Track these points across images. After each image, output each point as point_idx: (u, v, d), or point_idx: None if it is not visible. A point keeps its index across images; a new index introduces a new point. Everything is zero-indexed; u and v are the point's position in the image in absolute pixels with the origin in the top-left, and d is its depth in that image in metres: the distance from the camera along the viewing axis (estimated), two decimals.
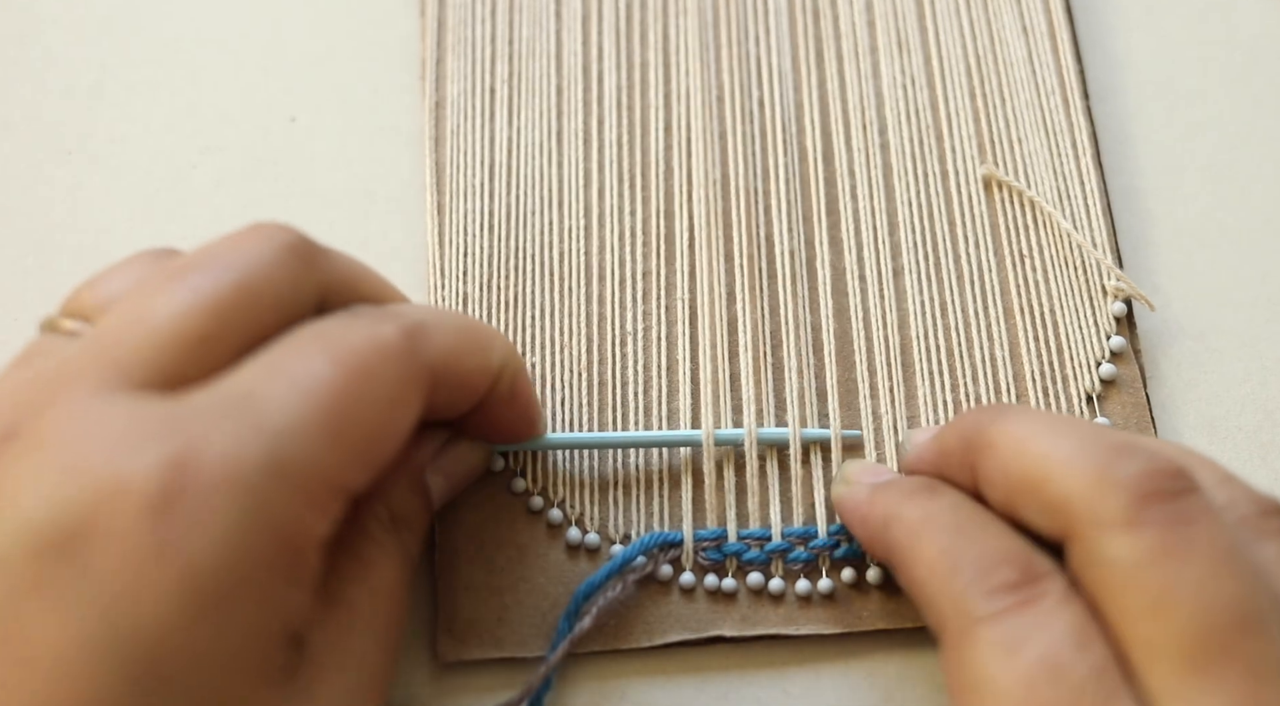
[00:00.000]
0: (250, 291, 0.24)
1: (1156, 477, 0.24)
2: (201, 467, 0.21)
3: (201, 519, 0.20)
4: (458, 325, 0.27)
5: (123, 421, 0.21)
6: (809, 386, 0.33)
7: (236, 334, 0.23)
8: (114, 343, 0.23)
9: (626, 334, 0.34)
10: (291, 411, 0.22)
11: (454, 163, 0.36)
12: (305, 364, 0.23)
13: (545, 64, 0.37)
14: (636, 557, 0.30)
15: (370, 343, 0.24)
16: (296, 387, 0.22)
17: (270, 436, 0.22)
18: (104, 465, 0.21)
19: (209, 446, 0.21)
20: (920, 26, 0.38)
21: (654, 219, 0.35)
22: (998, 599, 0.24)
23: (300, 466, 0.22)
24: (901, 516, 0.27)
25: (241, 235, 0.25)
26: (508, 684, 0.30)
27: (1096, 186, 0.35)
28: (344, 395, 0.23)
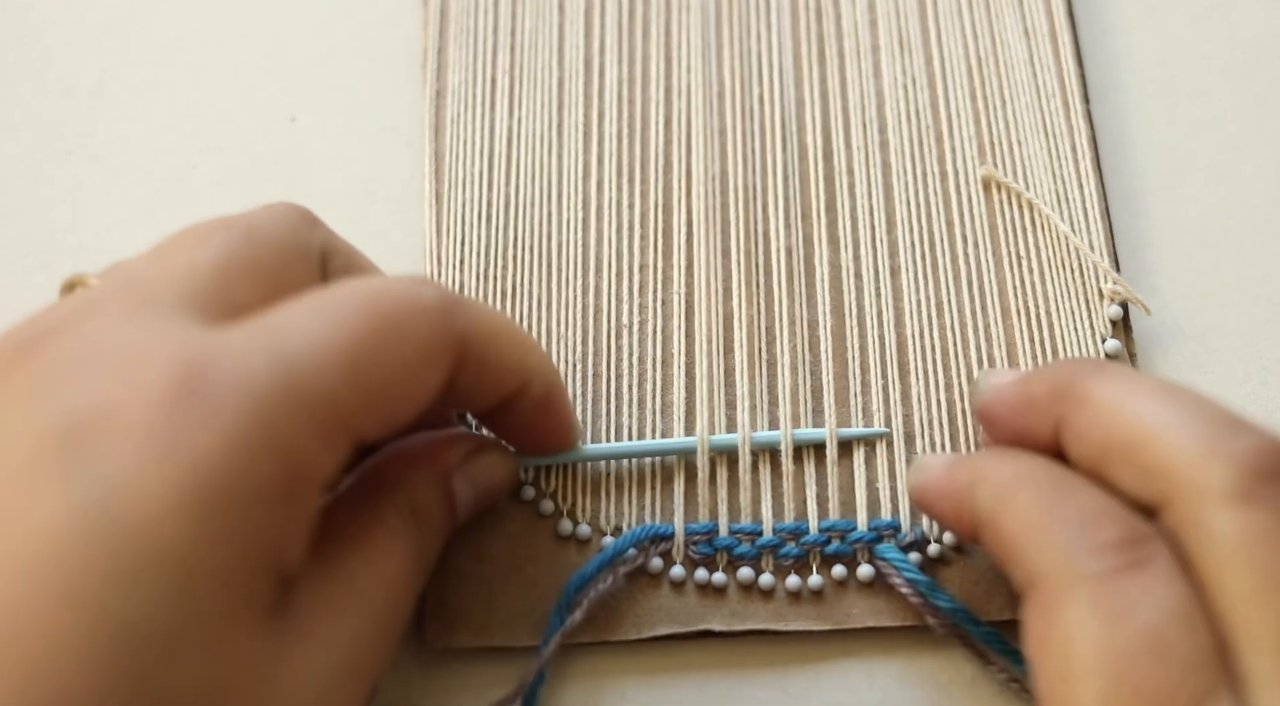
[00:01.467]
0: (257, 235, 0.25)
1: (1270, 455, 0.23)
2: (217, 374, 0.21)
3: (210, 421, 0.21)
4: (498, 316, 0.27)
5: (145, 331, 0.22)
6: (803, 383, 0.33)
7: (248, 263, 0.25)
8: (136, 276, 0.24)
9: (622, 327, 0.34)
10: (315, 341, 0.22)
11: (453, 152, 0.36)
12: (338, 302, 0.23)
13: (547, 56, 0.37)
14: (627, 550, 0.30)
15: (407, 296, 0.24)
16: (324, 321, 0.23)
17: (290, 359, 0.22)
18: (126, 363, 0.21)
19: (225, 357, 0.21)
20: (922, 27, 0.38)
21: (652, 213, 0.35)
22: (1104, 557, 0.23)
23: (314, 394, 0.22)
24: (990, 476, 0.26)
25: (248, 211, 0.27)
26: (498, 673, 0.30)
27: (1095, 190, 0.35)
28: (370, 336, 0.23)
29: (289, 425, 0.22)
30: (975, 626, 0.29)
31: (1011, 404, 0.28)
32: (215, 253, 0.24)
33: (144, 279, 0.24)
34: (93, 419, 0.21)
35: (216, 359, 0.21)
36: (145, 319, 0.23)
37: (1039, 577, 0.24)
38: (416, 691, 0.30)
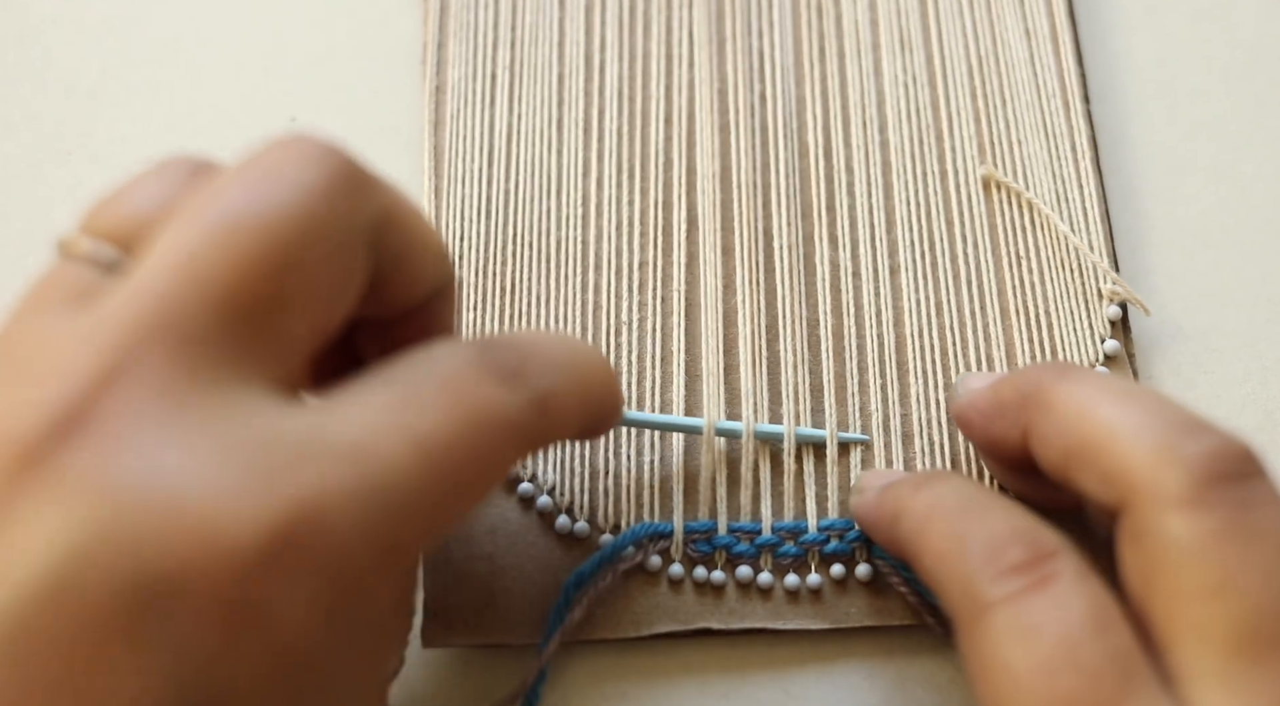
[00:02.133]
0: (309, 233, 0.21)
1: (1224, 459, 0.23)
2: (315, 533, 0.19)
3: (301, 589, 0.19)
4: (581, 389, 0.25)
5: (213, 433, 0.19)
6: (803, 381, 0.33)
7: (301, 284, 0.21)
8: (170, 301, 0.20)
9: (622, 324, 0.34)
10: (409, 479, 0.20)
11: (453, 147, 0.35)
12: (432, 423, 0.21)
13: (547, 52, 0.37)
14: (626, 547, 0.30)
15: (501, 413, 0.22)
16: (421, 452, 0.20)
17: (384, 505, 0.20)
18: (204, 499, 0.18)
19: (325, 507, 0.19)
20: (923, 26, 0.38)
21: (652, 210, 0.35)
22: (1009, 581, 0.23)
23: (400, 538, 0.20)
24: (908, 509, 0.27)
25: (284, 155, 0.22)
26: (497, 672, 0.30)
27: (1095, 190, 0.35)
28: (461, 468, 0.21)
29: (374, 576, 0.20)
30: None
31: (984, 410, 0.28)
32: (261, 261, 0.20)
33: (178, 304, 0.20)
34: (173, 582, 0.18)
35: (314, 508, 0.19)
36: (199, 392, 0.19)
37: (957, 608, 0.25)
38: (416, 690, 0.30)
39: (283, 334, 0.21)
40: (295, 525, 0.18)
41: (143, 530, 0.18)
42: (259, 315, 0.20)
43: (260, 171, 0.21)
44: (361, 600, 0.20)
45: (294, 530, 0.18)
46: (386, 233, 0.23)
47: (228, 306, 0.20)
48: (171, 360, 0.19)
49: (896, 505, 0.27)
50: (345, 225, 0.21)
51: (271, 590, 0.18)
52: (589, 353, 0.26)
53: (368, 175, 0.22)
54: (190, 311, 0.20)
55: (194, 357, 0.19)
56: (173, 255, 0.20)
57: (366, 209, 0.22)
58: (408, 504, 0.20)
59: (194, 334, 0.20)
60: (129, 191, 0.23)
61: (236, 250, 0.20)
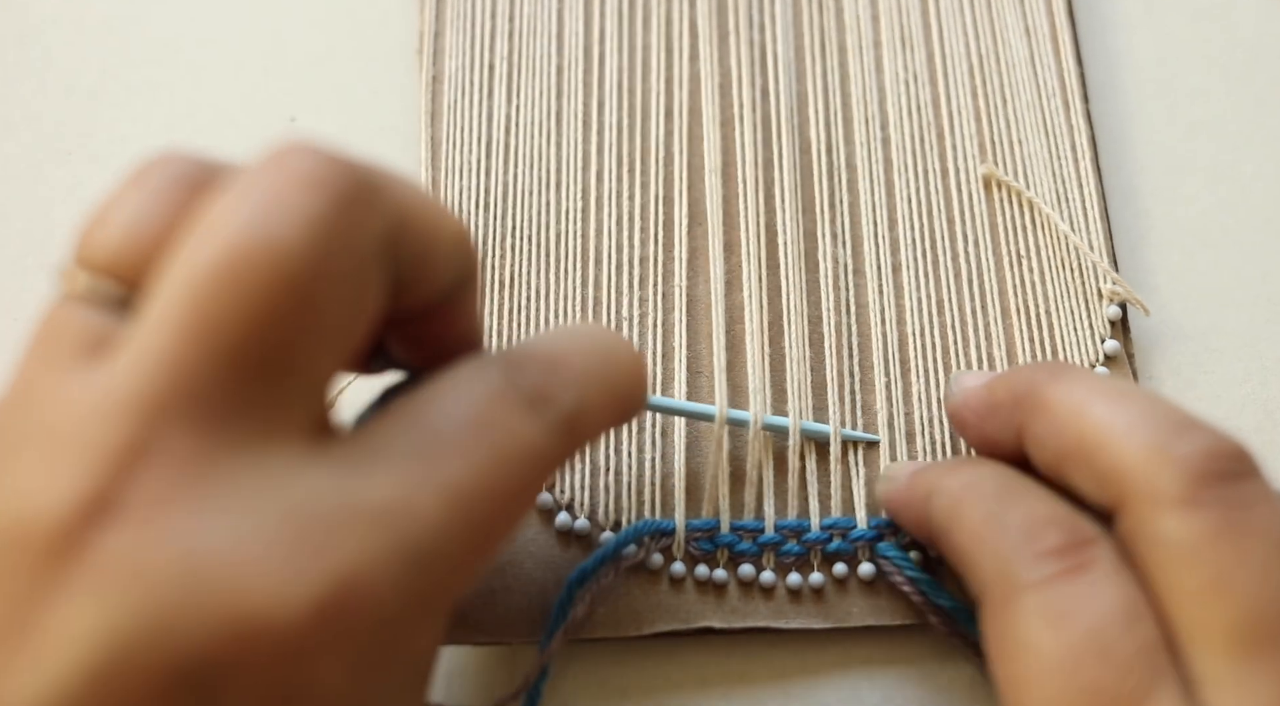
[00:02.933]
0: (324, 265, 0.20)
1: (1217, 458, 0.23)
2: (357, 607, 0.19)
3: (345, 660, 0.19)
4: (611, 396, 0.24)
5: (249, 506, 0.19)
6: (805, 379, 0.33)
7: (319, 324, 0.20)
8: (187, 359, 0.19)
9: (622, 319, 0.33)
10: (443, 534, 0.20)
11: (450, 139, 0.35)
12: (463, 471, 0.21)
13: (546, 43, 0.37)
14: (627, 545, 0.30)
15: (531, 447, 0.22)
16: (452, 503, 0.20)
17: (420, 564, 0.20)
18: (248, 577, 0.18)
19: (361, 577, 0.19)
20: (924, 24, 0.38)
21: (653, 204, 0.35)
22: (1045, 564, 0.24)
23: (436, 592, 0.21)
24: (943, 488, 0.27)
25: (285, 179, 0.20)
26: (498, 670, 0.29)
27: (1095, 190, 0.35)
28: (495, 513, 0.21)
29: (409, 632, 0.20)
30: (976, 626, 0.29)
31: (977, 410, 0.28)
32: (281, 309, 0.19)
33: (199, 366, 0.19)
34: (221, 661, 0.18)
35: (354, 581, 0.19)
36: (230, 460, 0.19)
37: (988, 588, 0.25)
38: None
39: (304, 376, 0.20)
40: (338, 599, 0.18)
41: (183, 615, 0.17)
42: (278, 364, 0.19)
43: (260, 199, 0.20)
44: (400, 656, 0.20)
45: (337, 604, 0.18)
46: (402, 238, 0.21)
47: (244, 362, 0.19)
48: (194, 430, 0.19)
49: (930, 485, 0.27)
50: (355, 248, 0.20)
51: (317, 665, 0.18)
52: (618, 351, 0.25)
53: (373, 183, 0.21)
54: (205, 373, 0.19)
55: (216, 422, 0.19)
56: (179, 307, 0.19)
57: (376, 223, 0.21)
58: (442, 557, 0.20)
59: (213, 397, 0.19)
60: (120, 207, 0.21)
61: (244, 299, 0.19)
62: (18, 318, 0.34)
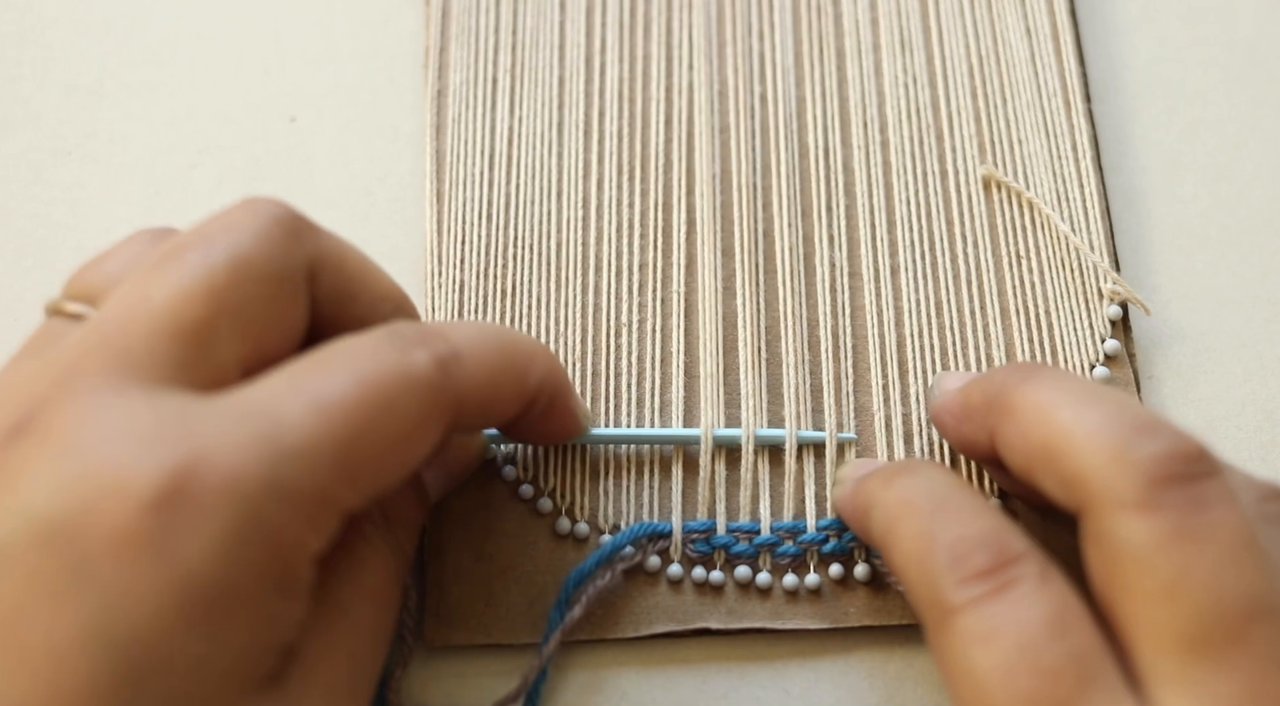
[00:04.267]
0: (240, 268, 0.24)
1: (1176, 460, 0.23)
2: (204, 475, 0.21)
3: (199, 526, 0.21)
4: (497, 350, 0.26)
5: (132, 417, 0.22)
6: (803, 382, 0.33)
7: (232, 313, 0.24)
8: (117, 330, 0.23)
9: (621, 325, 0.34)
10: (305, 431, 0.22)
11: (454, 151, 0.36)
12: (328, 382, 0.23)
13: (548, 55, 0.37)
14: (625, 547, 0.30)
15: (399, 370, 0.23)
16: (314, 406, 0.22)
17: (279, 454, 0.21)
18: (109, 461, 0.21)
19: (215, 455, 0.21)
20: (924, 26, 0.38)
21: (652, 212, 0.35)
22: (971, 587, 0.24)
23: (305, 487, 0.22)
24: (880, 502, 0.27)
25: (231, 211, 0.25)
26: (497, 671, 0.30)
27: (1095, 190, 0.35)
28: (362, 421, 0.23)
29: (279, 521, 0.21)
30: None
31: (954, 412, 0.29)
32: (198, 296, 0.23)
33: (124, 332, 0.23)
34: (79, 523, 0.20)
35: (204, 453, 0.21)
36: (129, 392, 0.22)
37: (923, 612, 0.25)
38: (416, 689, 0.30)
39: (215, 356, 0.23)
40: (185, 469, 0.21)
41: (61, 496, 0.21)
42: (191, 338, 0.23)
43: (207, 225, 0.25)
44: (275, 541, 0.21)
45: (184, 474, 0.21)
46: (323, 272, 0.26)
47: (161, 330, 0.23)
48: (108, 372, 0.22)
49: (868, 498, 0.28)
50: (276, 261, 0.24)
51: (169, 524, 0.20)
52: (517, 332, 0.28)
53: (304, 221, 0.26)
54: (131, 336, 0.23)
55: (130, 369, 0.22)
56: (123, 297, 0.24)
57: (300, 250, 0.25)
58: (309, 454, 0.22)
59: (132, 352, 0.23)
60: (103, 259, 0.26)
61: (175, 288, 0.23)
62: (18, 317, 0.35)
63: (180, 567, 0.20)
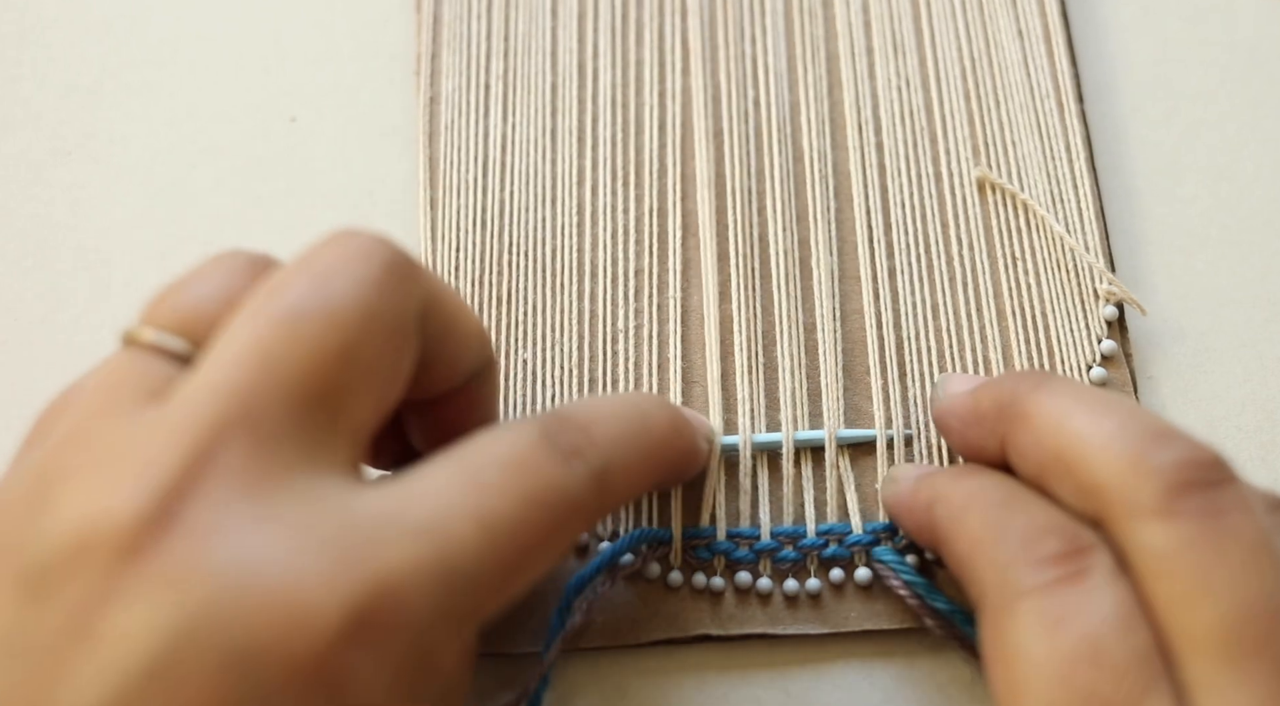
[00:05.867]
0: (369, 323, 0.22)
1: (1193, 467, 0.23)
2: (390, 607, 0.20)
3: (380, 662, 0.20)
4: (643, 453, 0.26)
5: (295, 519, 0.20)
6: (801, 386, 0.33)
7: (363, 372, 0.22)
8: (247, 393, 0.21)
9: (618, 332, 0.34)
10: (478, 556, 0.21)
11: (447, 158, 0.36)
12: (498, 503, 0.22)
13: (540, 61, 0.37)
14: (625, 553, 0.30)
15: (562, 491, 0.23)
16: (485, 529, 0.22)
17: (453, 581, 0.21)
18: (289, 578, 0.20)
19: (398, 583, 0.20)
20: (916, 29, 0.38)
21: (647, 217, 0.35)
22: (1043, 570, 0.24)
23: (470, 610, 0.22)
24: (946, 495, 0.27)
25: (340, 247, 0.23)
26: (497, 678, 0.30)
27: (1090, 190, 0.35)
28: (527, 547, 0.22)
29: (443, 644, 0.21)
30: (972, 628, 0.29)
31: (962, 417, 0.29)
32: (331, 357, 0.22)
33: (257, 400, 0.21)
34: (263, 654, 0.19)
35: (389, 584, 0.20)
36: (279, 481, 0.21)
37: (987, 593, 0.25)
38: None
39: (350, 418, 0.22)
40: (373, 601, 0.20)
41: (234, 612, 0.19)
42: (327, 403, 0.22)
43: (319, 266, 0.23)
44: (431, 668, 0.21)
45: (372, 606, 0.20)
46: (431, 315, 0.24)
47: (298, 396, 0.21)
48: (251, 451, 0.21)
49: (934, 491, 0.28)
50: (398, 312, 0.23)
51: (352, 662, 0.20)
52: (654, 415, 0.27)
53: (413, 263, 0.24)
54: (263, 402, 0.21)
55: (270, 447, 0.21)
56: (241, 347, 0.22)
57: (415, 295, 0.24)
58: (475, 579, 0.21)
59: (268, 424, 0.21)
60: (189, 283, 0.24)
61: (303, 342, 0.22)
62: (18, 317, 0.35)
63: (356, 701, 0.20)
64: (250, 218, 0.36)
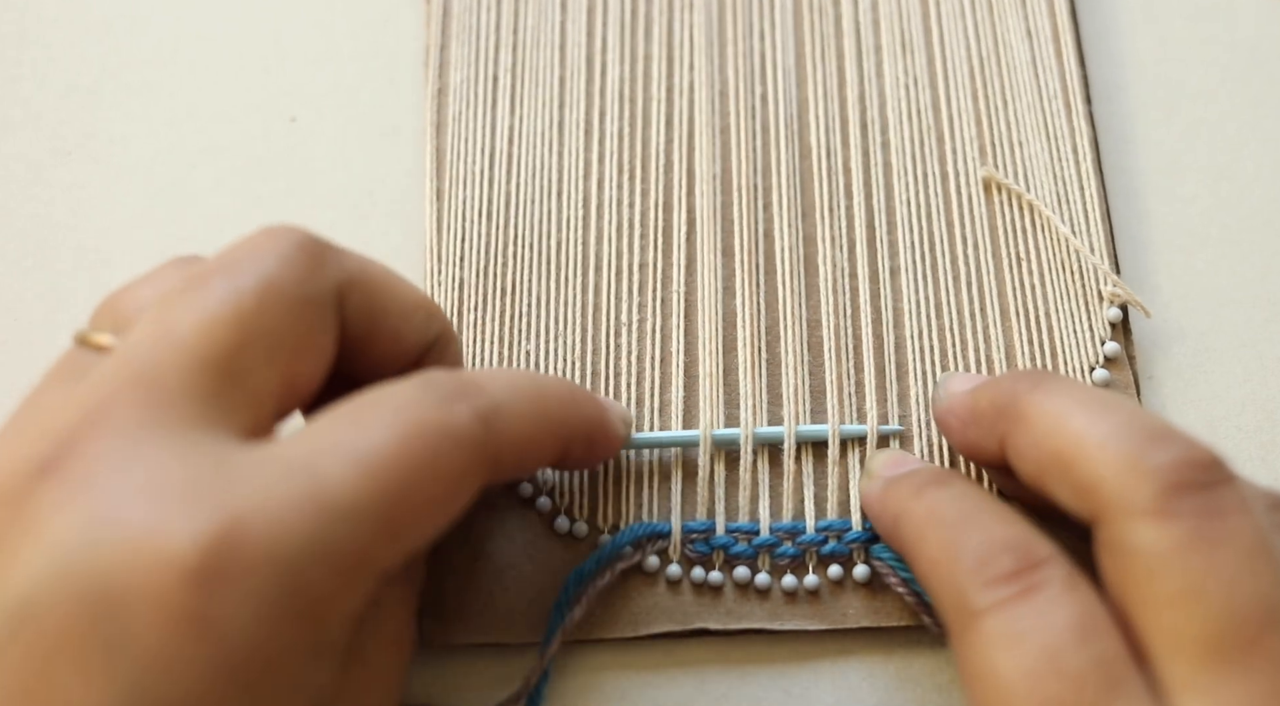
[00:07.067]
0: (268, 293, 0.23)
1: (1190, 467, 0.23)
2: (248, 541, 0.20)
3: (242, 596, 0.20)
4: (532, 400, 0.26)
5: (169, 467, 0.21)
6: (803, 383, 0.33)
7: (261, 340, 0.23)
8: (145, 362, 0.22)
9: (621, 325, 0.34)
10: (348, 489, 0.21)
11: (454, 149, 0.36)
12: (370, 438, 0.22)
13: (549, 54, 0.37)
14: (625, 547, 0.30)
15: (441, 425, 0.23)
16: (357, 463, 0.22)
17: (322, 515, 0.21)
18: (148, 519, 0.20)
19: (257, 517, 0.20)
20: (925, 27, 0.38)
21: (652, 211, 0.35)
22: (997, 589, 0.24)
23: (348, 549, 0.21)
24: (909, 512, 0.27)
25: (252, 238, 0.25)
26: (497, 670, 0.30)
27: (1096, 192, 0.35)
28: (406, 479, 0.22)
29: (321, 585, 0.21)
30: None
31: (961, 416, 0.29)
32: (225, 323, 0.23)
33: (152, 365, 0.22)
34: (116, 588, 0.19)
35: (247, 517, 0.20)
36: (163, 435, 0.21)
37: (948, 614, 0.25)
38: (417, 688, 0.30)
39: (250, 384, 0.23)
40: (228, 535, 0.20)
41: (95, 556, 0.20)
42: (224, 368, 0.22)
43: (229, 253, 0.24)
44: (315, 610, 0.21)
45: (228, 540, 0.20)
46: (354, 291, 0.25)
47: (195, 361, 0.22)
48: (140, 410, 0.21)
49: (898, 507, 0.28)
50: (303, 286, 0.24)
51: (212, 595, 0.20)
52: (549, 382, 0.27)
53: (325, 244, 0.25)
54: (159, 367, 0.22)
55: (162, 407, 0.22)
56: (148, 324, 0.23)
57: (327, 272, 0.25)
58: (352, 515, 0.21)
59: (163, 386, 0.22)
60: (135, 286, 0.26)
61: (202, 313, 0.23)
62: (18, 317, 0.35)
63: (221, 642, 0.20)
64: (250, 218, 0.36)
